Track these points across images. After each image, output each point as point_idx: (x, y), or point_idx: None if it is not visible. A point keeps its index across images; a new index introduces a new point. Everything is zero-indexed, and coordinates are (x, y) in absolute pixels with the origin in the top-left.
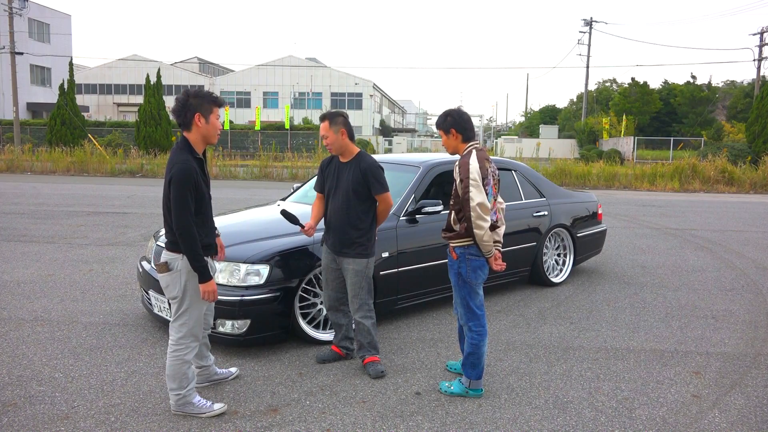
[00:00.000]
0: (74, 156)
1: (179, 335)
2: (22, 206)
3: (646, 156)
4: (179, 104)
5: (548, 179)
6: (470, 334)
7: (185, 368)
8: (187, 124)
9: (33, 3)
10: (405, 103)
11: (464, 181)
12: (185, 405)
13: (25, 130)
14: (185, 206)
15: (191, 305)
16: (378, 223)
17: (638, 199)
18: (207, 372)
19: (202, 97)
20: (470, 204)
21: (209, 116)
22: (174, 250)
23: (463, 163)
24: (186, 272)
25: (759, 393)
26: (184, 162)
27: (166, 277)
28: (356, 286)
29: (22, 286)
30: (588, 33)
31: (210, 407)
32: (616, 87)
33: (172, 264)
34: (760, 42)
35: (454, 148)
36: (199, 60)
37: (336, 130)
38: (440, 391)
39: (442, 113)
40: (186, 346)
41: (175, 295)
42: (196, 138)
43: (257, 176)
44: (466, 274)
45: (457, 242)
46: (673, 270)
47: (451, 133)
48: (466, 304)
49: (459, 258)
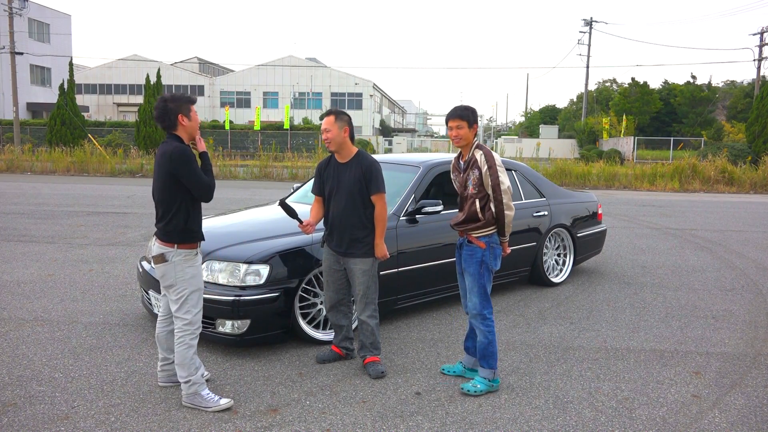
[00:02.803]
0: (74, 156)
1: (184, 322)
2: (22, 206)
3: (646, 156)
4: (160, 111)
5: (548, 179)
6: (485, 323)
7: (192, 353)
8: (173, 125)
9: (33, 3)
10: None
11: (492, 168)
12: (195, 395)
13: (25, 130)
14: (200, 178)
15: (190, 292)
16: (379, 227)
17: (638, 199)
18: (170, 368)
19: (179, 99)
20: (501, 187)
21: (190, 114)
22: (166, 241)
23: (486, 152)
24: (181, 262)
25: (759, 393)
26: (177, 146)
27: (162, 268)
28: (364, 286)
29: (22, 286)
30: (588, 33)
31: (217, 402)
32: (616, 87)
33: (167, 255)
34: (760, 42)
35: (469, 141)
36: (199, 60)
37: (340, 127)
38: (467, 393)
39: (461, 106)
40: (191, 332)
41: (171, 283)
42: (183, 136)
43: (257, 176)
44: (489, 262)
45: (482, 232)
46: (673, 270)
47: (473, 127)
48: (484, 292)
49: (486, 247)
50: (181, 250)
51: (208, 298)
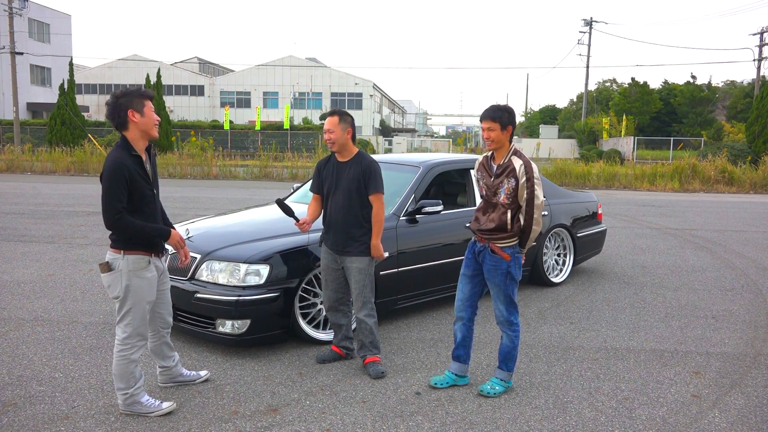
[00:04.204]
0: (74, 156)
1: (125, 335)
2: (22, 206)
3: (646, 156)
4: (110, 107)
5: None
6: (512, 328)
7: (132, 367)
8: (123, 123)
9: (33, 3)
10: (405, 103)
11: (530, 180)
12: (133, 404)
13: (25, 130)
14: (111, 200)
15: (134, 305)
16: (376, 227)
17: (638, 199)
18: (170, 372)
19: (130, 94)
20: (535, 202)
21: (143, 109)
22: (116, 248)
23: (526, 162)
24: (127, 272)
25: (759, 393)
26: (115, 159)
27: (107, 277)
28: (360, 285)
29: (22, 286)
30: (588, 33)
31: (158, 406)
32: (616, 87)
33: (113, 264)
34: (760, 42)
35: (502, 144)
36: (199, 60)
37: (343, 128)
38: (485, 395)
39: (495, 106)
40: (132, 345)
41: (117, 294)
42: (135, 135)
43: (257, 176)
44: (514, 273)
45: (507, 242)
46: (673, 270)
47: (508, 129)
48: (510, 301)
49: (510, 258)
50: (129, 256)
51: (208, 298)
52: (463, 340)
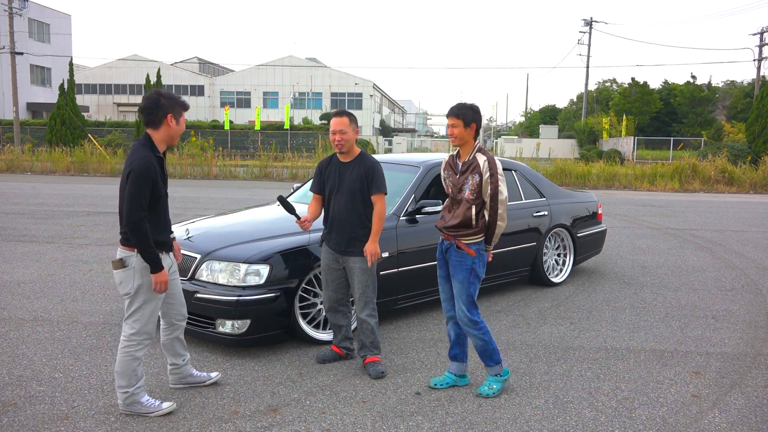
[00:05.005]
0: (74, 156)
1: (132, 331)
2: (22, 206)
3: (646, 156)
4: (151, 102)
5: (548, 179)
6: (476, 327)
7: (135, 365)
8: (157, 122)
9: (33, 3)
10: (405, 103)
11: (494, 176)
12: (133, 404)
13: (25, 130)
14: (139, 201)
15: (145, 302)
16: (375, 225)
17: (638, 199)
18: (179, 372)
19: (174, 100)
20: (500, 197)
21: (179, 118)
22: (128, 246)
23: (490, 159)
24: (140, 270)
25: (759, 393)
26: (145, 158)
27: (120, 274)
28: (363, 285)
29: (22, 286)
30: (588, 33)
31: (158, 406)
32: (616, 87)
33: (127, 261)
34: (760, 42)
35: (465, 141)
36: (199, 60)
37: (353, 129)
38: (484, 396)
39: (460, 104)
40: (138, 343)
41: (128, 291)
42: (162, 137)
43: (257, 176)
44: (478, 269)
45: (473, 239)
46: (673, 270)
47: (471, 126)
48: (471, 300)
49: (476, 254)
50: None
51: (208, 298)
52: (457, 338)
